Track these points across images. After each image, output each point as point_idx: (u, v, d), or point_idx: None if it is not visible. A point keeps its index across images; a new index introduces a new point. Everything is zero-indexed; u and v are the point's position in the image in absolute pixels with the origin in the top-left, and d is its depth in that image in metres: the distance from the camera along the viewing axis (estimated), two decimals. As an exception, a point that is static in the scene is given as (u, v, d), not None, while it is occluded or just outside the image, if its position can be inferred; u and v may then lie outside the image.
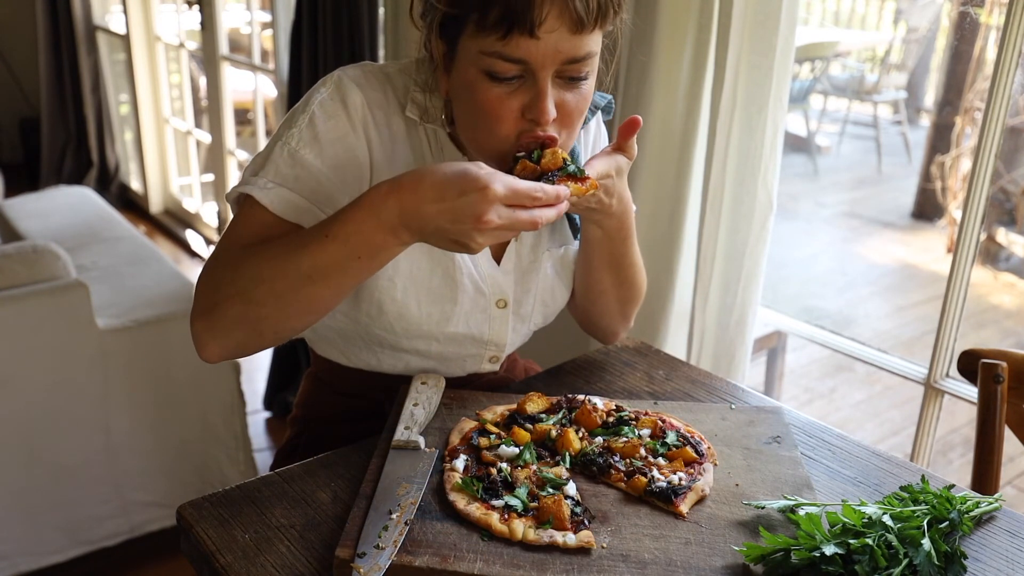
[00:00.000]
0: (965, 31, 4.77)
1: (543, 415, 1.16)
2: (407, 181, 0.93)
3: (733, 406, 1.23)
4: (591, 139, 1.31)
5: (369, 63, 1.16)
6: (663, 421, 1.14)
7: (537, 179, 0.99)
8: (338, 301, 1.02)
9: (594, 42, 1.02)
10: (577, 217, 1.24)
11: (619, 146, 1.11)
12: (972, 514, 1.00)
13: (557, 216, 0.96)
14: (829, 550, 0.88)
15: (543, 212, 0.94)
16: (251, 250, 1.01)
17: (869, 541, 0.89)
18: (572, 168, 1.01)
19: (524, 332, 1.31)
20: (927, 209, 5.46)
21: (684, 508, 0.99)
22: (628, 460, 1.07)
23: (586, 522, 0.97)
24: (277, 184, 1.06)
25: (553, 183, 0.98)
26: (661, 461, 1.07)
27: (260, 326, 1.01)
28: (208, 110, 4.29)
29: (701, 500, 1.02)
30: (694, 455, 1.08)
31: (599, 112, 1.29)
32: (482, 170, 0.92)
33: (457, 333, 1.21)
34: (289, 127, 1.09)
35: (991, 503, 1.03)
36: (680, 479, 1.03)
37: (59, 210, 3.15)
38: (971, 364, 1.40)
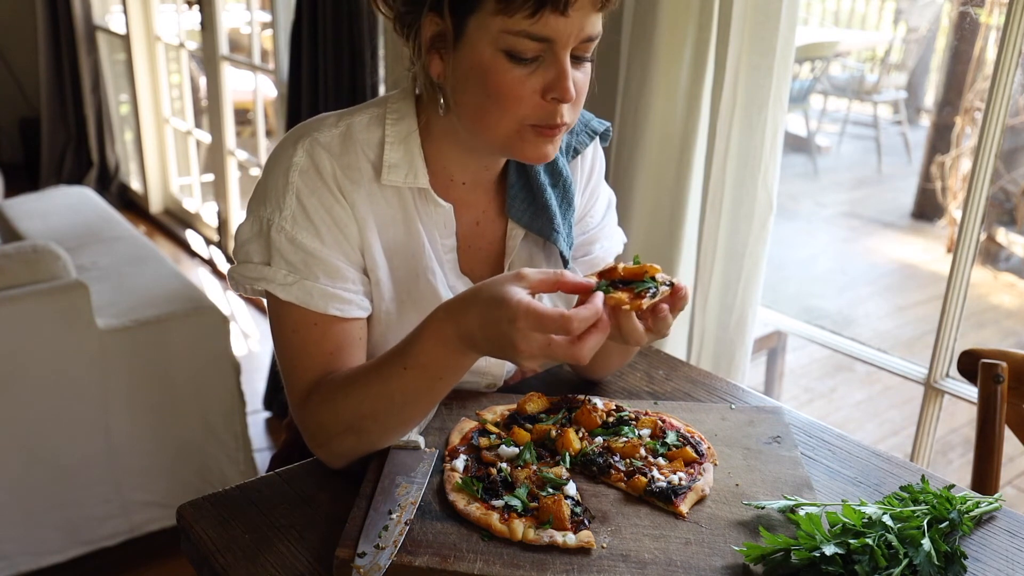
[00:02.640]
0: (965, 31, 4.77)
1: (543, 415, 1.16)
2: (457, 306, 0.96)
3: (733, 406, 1.23)
4: (588, 164, 1.27)
5: (330, 121, 1.12)
6: (663, 421, 1.14)
7: (624, 283, 0.99)
8: (435, 405, 1.07)
9: (602, 21, 1.03)
10: (566, 250, 1.21)
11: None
12: (972, 514, 1.00)
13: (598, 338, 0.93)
14: (829, 550, 0.88)
15: (582, 348, 0.91)
16: (338, 387, 1.05)
17: (869, 541, 0.89)
18: (652, 289, 0.97)
19: None
20: (927, 209, 5.46)
21: (684, 508, 0.99)
22: (628, 460, 1.07)
23: (586, 522, 0.97)
24: (294, 275, 1.07)
25: (607, 287, 0.96)
26: (661, 461, 1.07)
27: (373, 445, 1.07)
28: (208, 110, 4.29)
29: (701, 500, 1.02)
30: (694, 455, 1.08)
31: (597, 138, 1.27)
32: (514, 298, 0.90)
33: None
34: (279, 206, 1.07)
35: (991, 503, 1.03)
36: (680, 479, 1.03)
37: (59, 210, 3.15)
38: (971, 364, 1.39)
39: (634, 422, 1.14)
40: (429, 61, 1.04)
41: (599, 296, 0.94)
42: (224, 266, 4.29)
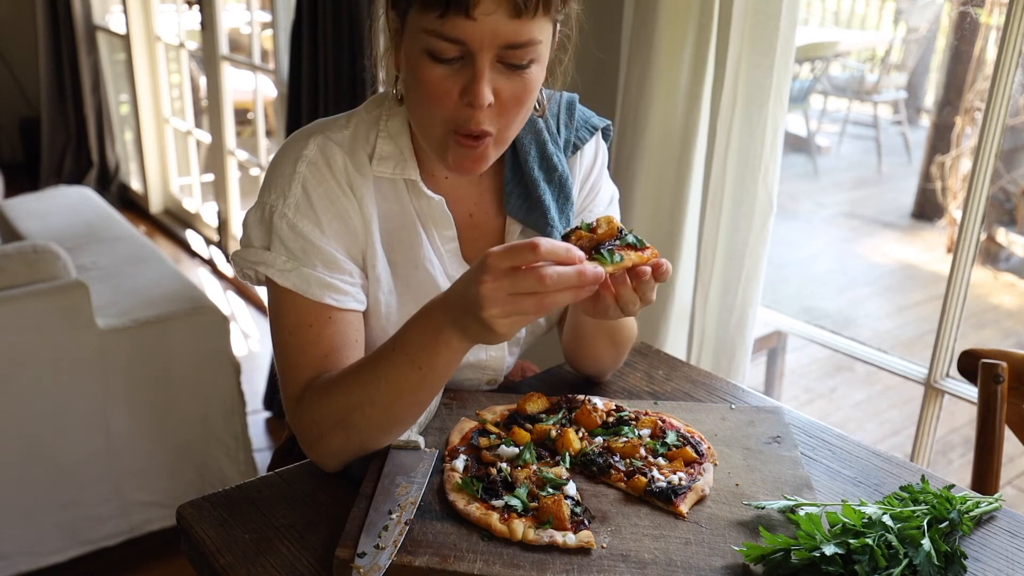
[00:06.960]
0: (965, 31, 4.77)
1: (543, 415, 1.16)
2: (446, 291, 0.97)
3: (733, 406, 1.23)
4: (588, 159, 1.27)
5: (341, 122, 1.15)
6: (663, 421, 1.14)
7: (594, 248, 0.95)
8: (422, 405, 1.04)
9: (538, 29, 0.99)
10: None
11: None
12: (972, 514, 1.00)
13: (584, 282, 0.89)
14: (829, 550, 0.88)
15: (550, 275, 0.88)
16: (330, 381, 1.05)
17: (869, 541, 0.89)
18: (630, 238, 0.97)
19: (518, 352, 1.32)
20: (927, 209, 5.46)
21: (684, 508, 0.99)
22: (628, 460, 1.07)
23: (586, 522, 0.97)
24: (293, 261, 1.08)
25: (612, 252, 0.95)
26: (661, 461, 1.07)
27: (365, 445, 1.06)
28: (208, 110, 4.29)
29: (701, 500, 1.02)
30: (694, 455, 1.08)
31: (598, 133, 1.28)
32: (482, 258, 0.91)
33: None
34: (283, 194, 1.09)
35: (991, 503, 1.03)
36: (680, 479, 1.03)
37: (59, 210, 3.15)
38: (971, 364, 1.40)
39: (634, 422, 1.14)
40: (395, 53, 1.08)
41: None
42: (224, 266, 4.29)
